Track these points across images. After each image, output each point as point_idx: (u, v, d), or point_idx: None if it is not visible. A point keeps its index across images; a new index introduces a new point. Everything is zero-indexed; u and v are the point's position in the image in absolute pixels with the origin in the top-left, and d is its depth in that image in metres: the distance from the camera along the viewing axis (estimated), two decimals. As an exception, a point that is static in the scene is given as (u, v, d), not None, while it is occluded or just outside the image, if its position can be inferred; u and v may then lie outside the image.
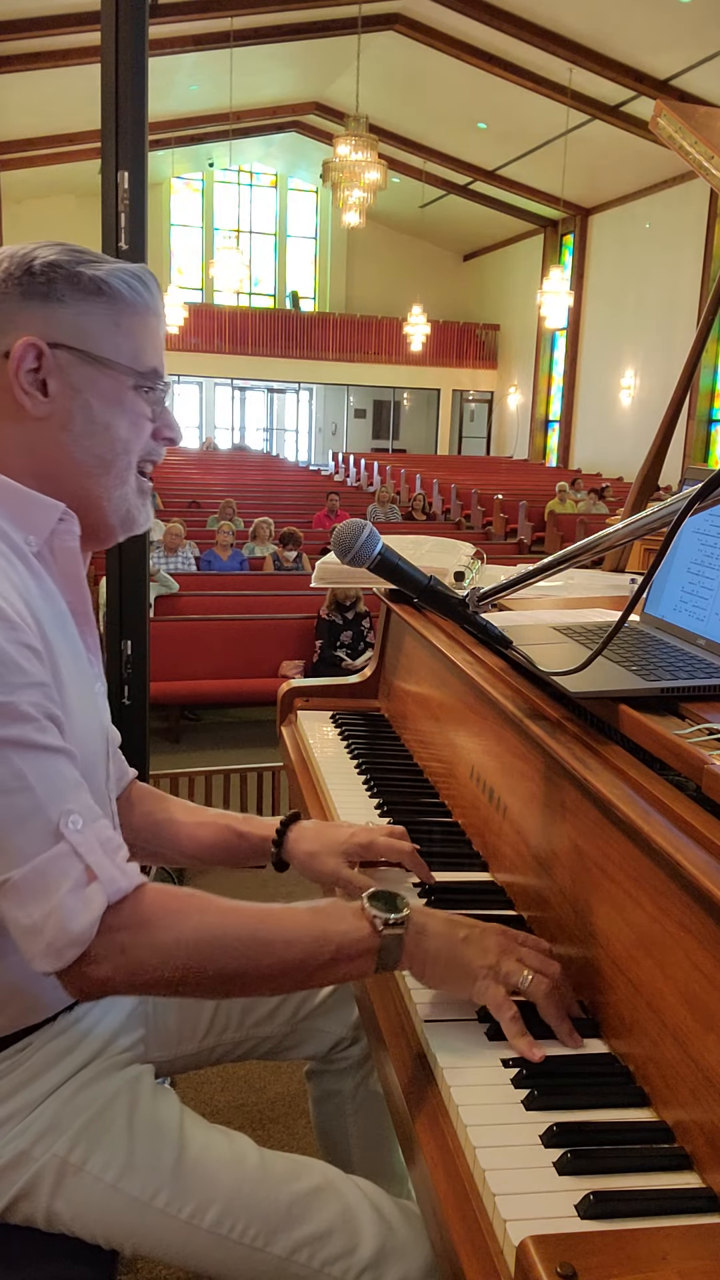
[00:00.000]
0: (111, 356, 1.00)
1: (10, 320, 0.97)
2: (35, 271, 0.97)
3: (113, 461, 1.02)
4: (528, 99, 13.92)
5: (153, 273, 1.05)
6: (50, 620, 0.97)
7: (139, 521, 1.07)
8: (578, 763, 1.02)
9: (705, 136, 2.06)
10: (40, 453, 0.99)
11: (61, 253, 0.99)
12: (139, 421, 1.03)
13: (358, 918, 0.95)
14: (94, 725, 1.03)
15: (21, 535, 0.98)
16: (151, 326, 1.04)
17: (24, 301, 0.97)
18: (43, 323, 0.97)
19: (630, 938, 0.90)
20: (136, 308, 1.01)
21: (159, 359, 1.05)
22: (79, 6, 10.81)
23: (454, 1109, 0.85)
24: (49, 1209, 1.01)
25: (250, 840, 1.27)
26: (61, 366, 0.98)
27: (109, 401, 1.00)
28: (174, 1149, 1.03)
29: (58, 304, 0.98)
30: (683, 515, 0.91)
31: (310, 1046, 1.37)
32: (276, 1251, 1.00)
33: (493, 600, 1.15)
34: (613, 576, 2.07)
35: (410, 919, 0.95)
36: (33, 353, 0.96)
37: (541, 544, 11.70)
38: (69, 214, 19.06)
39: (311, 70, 15.67)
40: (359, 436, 24.31)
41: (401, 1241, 1.00)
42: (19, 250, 0.99)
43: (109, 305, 0.99)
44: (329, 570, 1.86)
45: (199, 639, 5.56)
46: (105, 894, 0.87)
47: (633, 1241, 0.67)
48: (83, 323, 0.98)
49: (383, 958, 0.94)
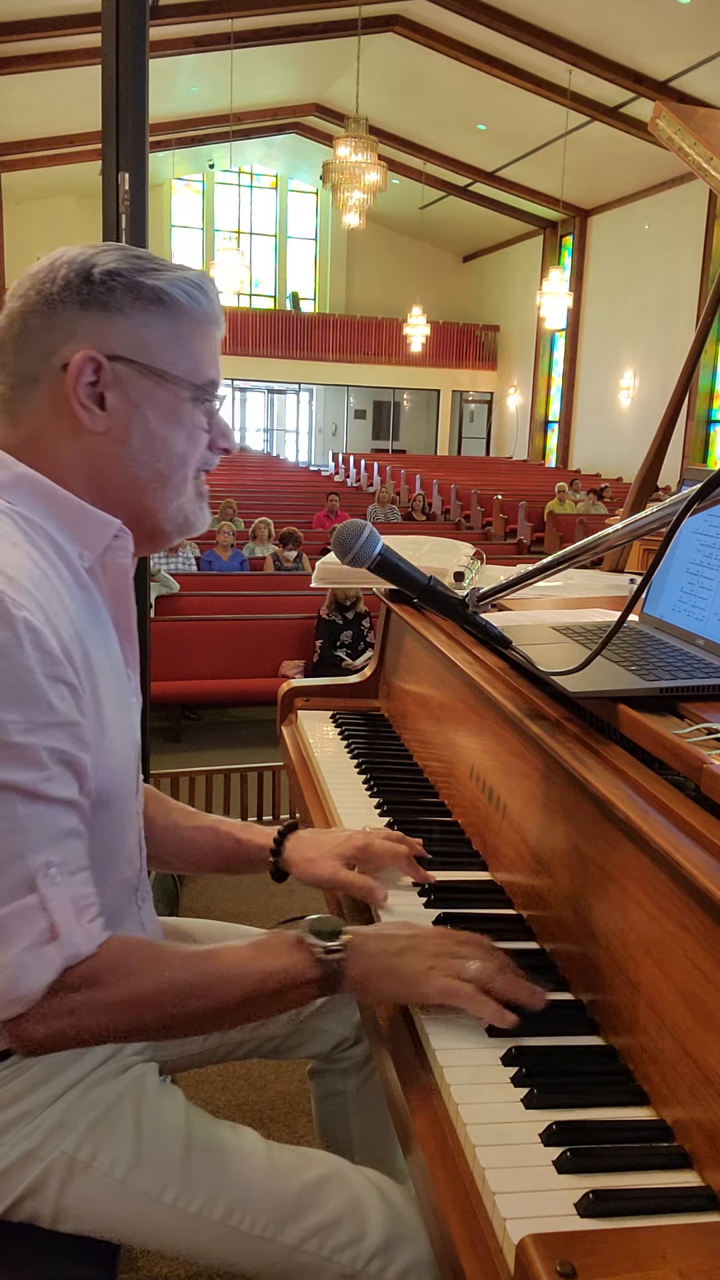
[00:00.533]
0: (170, 370, 0.97)
1: (69, 330, 0.94)
2: (95, 280, 0.94)
3: (169, 475, 1.01)
4: (527, 100, 13.93)
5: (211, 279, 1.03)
6: (95, 638, 0.96)
7: (196, 526, 1.06)
8: (577, 762, 1.02)
9: (705, 138, 2.06)
10: (97, 467, 0.97)
11: (121, 259, 0.96)
12: (195, 434, 1.01)
13: (298, 949, 0.95)
14: (128, 742, 1.02)
15: (76, 550, 0.96)
16: (210, 336, 1.02)
17: (83, 311, 0.94)
18: (102, 334, 0.95)
19: (630, 937, 0.90)
20: (196, 318, 0.99)
21: (216, 369, 1.03)
22: (80, 8, 10.82)
23: (453, 1107, 0.85)
24: (57, 1206, 1.02)
25: (248, 849, 1.28)
26: (120, 380, 0.96)
27: (167, 416, 0.98)
28: (181, 1144, 1.04)
29: (118, 314, 0.95)
30: (682, 515, 0.91)
31: (313, 1046, 1.37)
32: (286, 1241, 1.01)
33: (492, 600, 1.15)
34: (612, 576, 2.07)
35: (349, 944, 0.95)
36: (91, 365, 0.94)
37: (541, 544, 11.70)
38: (69, 215, 19.08)
39: (312, 72, 15.68)
40: (359, 437, 24.31)
41: (410, 1227, 1.01)
42: (77, 255, 0.96)
43: (169, 316, 0.97)
44: (329, 570, 1.86)
45: (199, 639, 5.56)
46: (62, 957, 0.85)
47: (632, 1240, 0.67)
48: (143, 334, 0.96)
49: (324, 984, 0.95)
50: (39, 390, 0.96)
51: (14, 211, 17.21)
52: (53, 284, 0.95)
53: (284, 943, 0.96)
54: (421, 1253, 1.00)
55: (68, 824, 0.88)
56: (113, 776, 0.97)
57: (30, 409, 0.97)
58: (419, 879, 1.21)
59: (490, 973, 0.94)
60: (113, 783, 0.97)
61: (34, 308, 0.95)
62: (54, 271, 0.95)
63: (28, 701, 0.84)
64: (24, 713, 0.83)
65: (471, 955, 0.96)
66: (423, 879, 1.21)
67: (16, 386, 0.97)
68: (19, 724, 0.83)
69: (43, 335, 0.95)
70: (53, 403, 0.96)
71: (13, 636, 0.83)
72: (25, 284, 0.97)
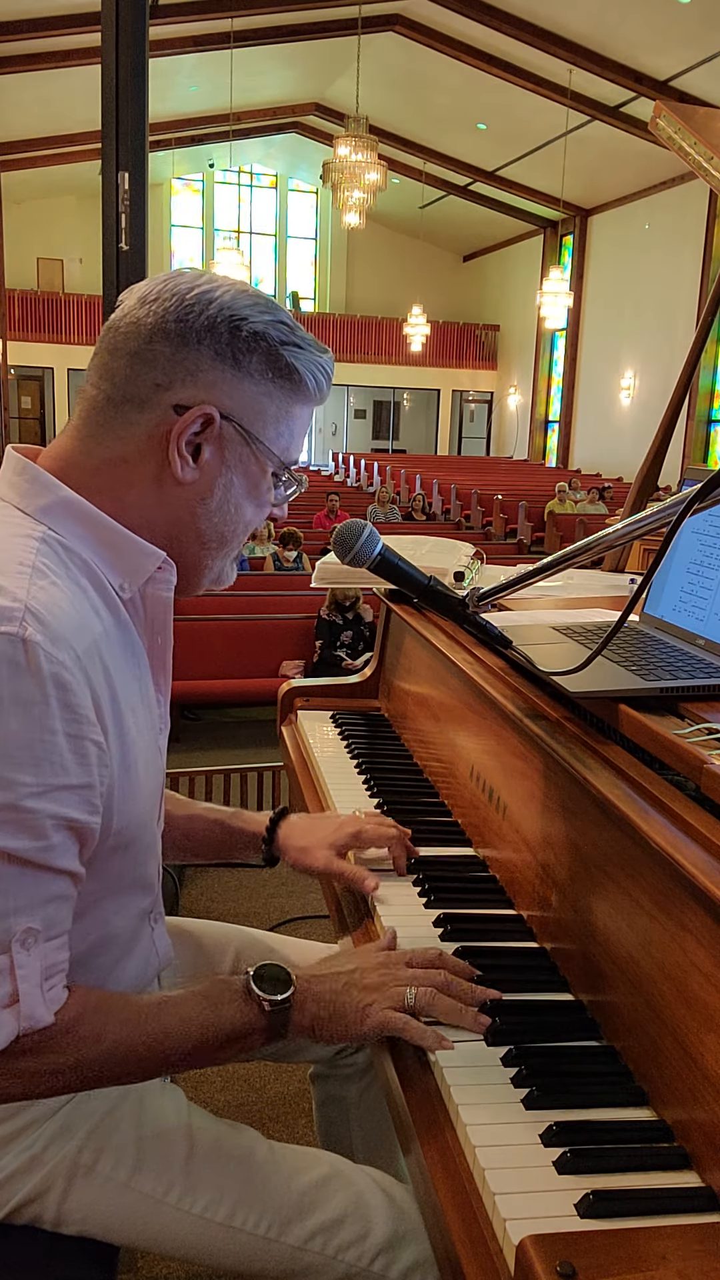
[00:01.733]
0: (270, 444, 0.97)
1: (193, 374, 0.92)
2: (241, 335, 0.92)
3: (229, 540, 1.00)
4: (527, 100, 13.93)
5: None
6: (127, 672, 0.94)
7: (224, 583, 1.06)
8: (577, 762, 1.02)
9: (705, 137, 2.06)
10: (168, 515, 0.96)
11: (271, 325, 0.93)
12: (265, 505, 1.01)
13: (245, 1001, 0.94)
14: (154, 773, 1.01)
15: (117, 581, 0.94)
16: (312, 415, 1.02)
17: (216, 360, 0.92)
18: (225, 389, 0.93)
19: (630, 937, 0.90)
20: (311, 400, 0.99)
21: (301, 448, 1.02)
22: (79, 7, 10.82)
23: (454, 1108, 0.85)
24: (60, 1210, 1.02)
25: (241, 836, 1.29)
26: (223, 439, 0.94)
27: (249, 485, 0.98)
28: (183, 1145, 1.04)
29: (246, 376, 0.93)
30: (682, 515, 0.91)
31: (315, 1051, 1.37)
32: (290, 1241, 1.01)
33: (492, 600, 1.15)
34: (612, 576, 2.07)
35: (295, 993, 0.95)
36: (204, 419, 0.92)
37: (541, 544, 11.71)
38: (69, 215, 19.09)
39: (311, 71, 15.68)
40: (359, 437, 24.31)
41: (413, 1225, 1.02)
42: (231, 301, 0.92)
43: (290, 393, 0.96)
44: (329, 570, 1.86)
45: (199, 639, 5.56)
46: (18, 1025, 0.83)
47: (632, 1240, 0.67)
48: (261, 403, 0.95)
49: (271, 1034, 0.95)
50: (141, 417, 0.92)
51: (14, 211, 17.21)
52: (198, 318, 0.91)
53: (231, 993, 0.95)
54: (425, 1251, 1.00)
55: (57, 890, 0.86)
56: (137, 812, 0.96)
57: (121, 432, 0.93)
58: (409, 852, 1.25)
59: (427, 999, 0.94)
60: (136, 819, 0.96)
61: (167, 333, 0.91)
62: (203, 307, 0.91)
63: (43, 763, 0.81)
64: (38, 775, 0.81)
65: (411, 980, 0.96)
66: (413, 852, 1.26)
67: (117, 403, 0.93)
68: (31, 787, 0.81)
69: (166, 365, 0.91)
70: (150, 435, 0.93)
71: (40, 693, 0.81)
72: (168, 300, 0.92)
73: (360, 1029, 0.94)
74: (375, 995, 0.95)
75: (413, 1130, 0.86)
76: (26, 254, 18.89)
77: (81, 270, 19.65)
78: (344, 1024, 0.95)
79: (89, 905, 0.94)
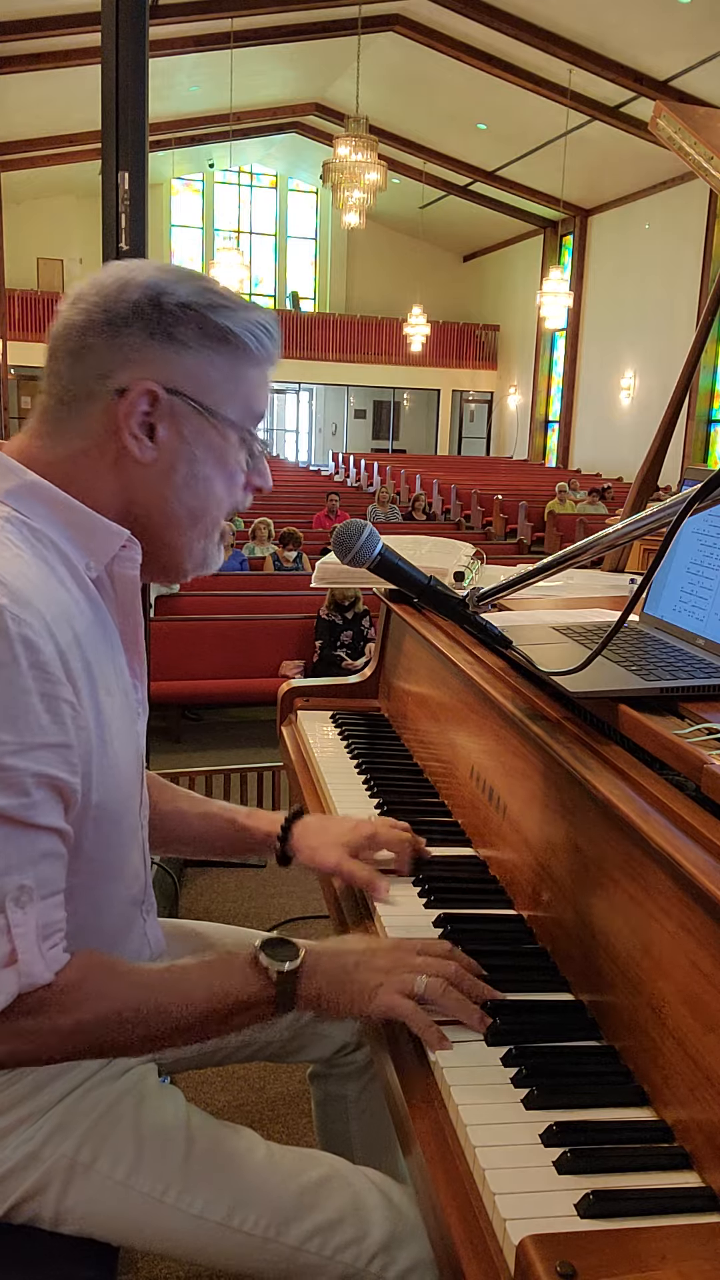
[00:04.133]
0: (225, 411, 0.96)
1: (129, 357, 0.92)
2: (166, 309, 0.92)
3: (202, 517, 0.99)
4: (527, 100, 13.92)
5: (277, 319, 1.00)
6: (100, 650, 0.94)
7: (211, 566, 1.05)
8: (577, 763, 1.02)
9: (705, 137, 2.06)
10: (134, 497, 0.96)
11: (195, 292, 0.94)
12: (235, 476, 1.00)
13: (252, 970, 0.94)
14: (132, 756, 1.01)
15: (83, 560, 0.95)
16: (267, 377, 1.00)
17: (148, 339, 0.92)
18: (164, 365, 0.93)
19: (630, 938, 0.90)
20: (258, 360, 0.97)
21: (265, 404, 1.01)
22: (79, 7, 10.82)
23: (454, 1108, 0.85)
24: (58, 1208, 1.02)
25: (254, 835, 1.29)
26: (175, 414, 0.94)
27: (213, 456, 0.97)
28: (182, 1145, 1.04)
29: (183, 348, 0.93)
30: (682, 515, 0.91)
31: (314, 1050, 1.37)
32: (288, 1241, 1.01)
33: (493, 600, 1.15)
34: (612, 576, 2.07)
35: (303, 963, 0.95)
36: (149, 396, 0.92)
37: (541, 544, 11.71)
38: (69, 215, 19.08)
39: (311, 71, 15.68)
40: (359, 437, 24.31)
41: (411, 1226, 1.02)
42: (151, 280, 0.93)
43: (232, 356, 0.95)
44: (329, 570, 1.86)
45: (199, 639, 5.56)
46: (18, 984, 0.84)
47: (632, 1241, 0.67)
48: (204, 372, 0.94)
49: (279, 1004, 0.95)
50: (90, 409, 0.93)
51: (14, 211, 17.20)
52: (121, 304, 0.92)
53: (239, 963, 0.95)
54: (423, 1252, 1.00)
55: (47, 847, 0.86)
56: (115, 791, 0.96)
57: (76, 428, 0.94)
58: (423, 854, 1.26)
59: (438, 989, 0.94)
60: (115, 797, 0.96)
61: (96, 325, 0.92)
62: (124, 291, 0.92)
63: (19, 721, 0.82)
64: (16, 733, 0.82)
65: (423, 968, 0.96)
66: (424, 853, 1.26)
67: (66, 403, 0.94)
68: (9, 745, 0.82)
69: (103, 355, 0.92)
70: (103, 425, 0.93)
71: (9, 654, 0.82)
72: (90, 296, 0.93)
73: (367, 1007, 0.95)
74: (385, 977, 0.95)
75: (412, 1130, 0.86)
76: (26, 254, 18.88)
77: (81, 270, 19.63)
78: (351, 1000, 0.95)
79: (78, 892, 0.94)
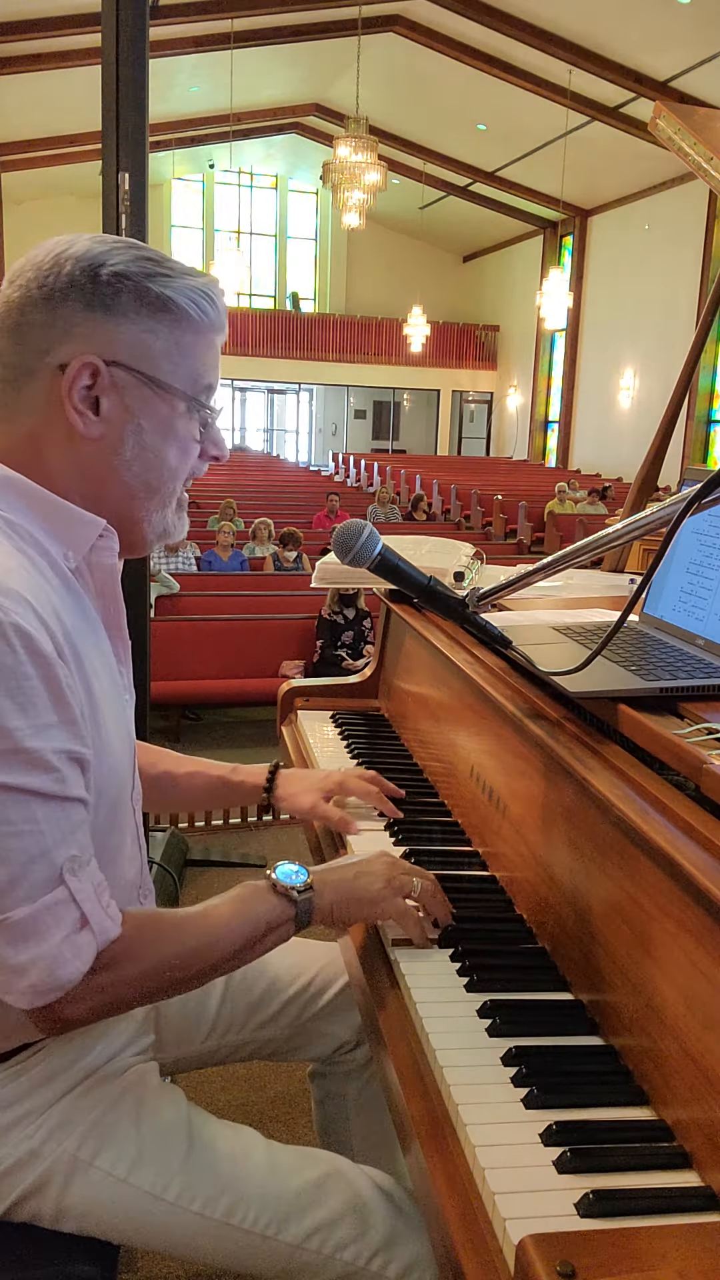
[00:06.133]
0: (169, 380, 0.95)
1: (68, 331, 0.92)
2: (102, 280, 0.91)
3: (159, 488, 0.99)
4: (527, 100, 13.92)
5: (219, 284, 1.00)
6: (85, 637, 0.95)
7: (174, 536, 1.06)
8: (577, 762, 1.02)
9: (705, 138, 2.06)
10: (87, 473, 0.96)
11: (131, 261, 0.93)
12: (188, 446, 1.00)
13: (273, 894, 1.03)
14: (124, 738, 1.03)
15: (61, 551, 0.95)
16: (213, 344, 1.00)
17: (86, 311, 0.91)
18: (103, 337, 0.92)
19: (630, 937, 0.90)
20: (201, 328, 0.97)
21: (215, 375, 1.01)
22: (80, 8, 10.81)
23: (453, 1108, 0.85)
24: (58, 1206, 1.02)
25: (242, 787, 1.40)
26: (118, 386, 0.93)
27: (161, 427, 0.97)
28: (183, 1143, 1.04)
29: (121, 318, 0.92)
30: (682, 515, 0.91)
31: (314, 1049, 1.37)
32: (288, 1239, 1.01)
33: (492, 600, 1.15)
34: (612, 576, 2.07)
35: (314, 880, 1.05)
36: (89, 370, 0.92)
37: (541, 544, 11.70)
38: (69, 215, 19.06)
39: (312, 72, 15.67)
40: (359, 437, 24.31)
41: (411, 1225, 1.02)
42: (85, 251, 0.92)
43: (173, 324, 0.95)
44: (329, 570, 1.86)
45: (199, 639, 5.56)
46: (97, 943, 0.89)
47: (632, 1240, 0.67)
48: (145, 341, 0.93)
49: (300, 920, 1.03)
50: (34, 386, 0.93)
51: (14, 211, 17.21)
52: (57, 278, 0.91)
53: (259, 891, 1.03)
54: (423, 1250, 1.01)
55: (79, 816, 0.90)
56: (110, 774, 0.97)
57: (24, 406, 0.94)
58: (390, 814, 1.38)
59: (430, 891, 1.10)
60: (110, 780, 0.98)
61: (34, 301, 0.92)
62: (59, 265, 0.92)
63: (29, 707, 0.84)
64: (28, 718, 0.84)
65: (413, 872, 1.10)
66: (392, 814, 1.38)
67: (10, 381, 0.94)
68: (25, 730, 0.84)
69: (41, 331, 0.92)
70: (48, 402, 0.93)
71: (5, 644, 0.83)
72: (27, 273, 0.93)
73: (378, 909, 1.07)
74: (383, 884, 1.07)
75: (412, 1129, 0.86)
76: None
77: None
78: (360, 906, 1.06)
79: None
